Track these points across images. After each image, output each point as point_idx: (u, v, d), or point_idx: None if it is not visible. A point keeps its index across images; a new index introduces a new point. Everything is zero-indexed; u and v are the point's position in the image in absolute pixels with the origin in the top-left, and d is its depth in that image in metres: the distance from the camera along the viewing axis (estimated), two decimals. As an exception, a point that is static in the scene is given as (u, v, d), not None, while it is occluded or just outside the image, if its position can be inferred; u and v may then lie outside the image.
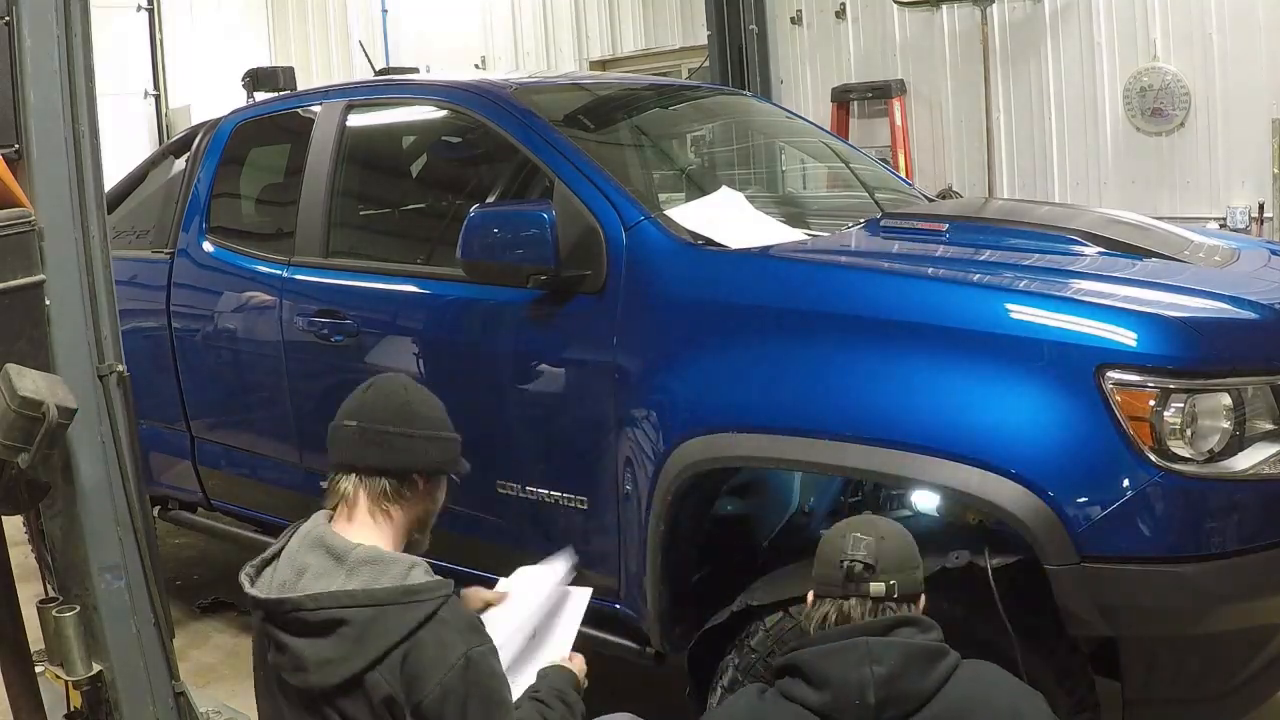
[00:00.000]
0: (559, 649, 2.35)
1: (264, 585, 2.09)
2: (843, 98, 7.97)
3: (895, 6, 7.68)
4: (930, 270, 2.74)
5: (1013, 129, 7.24)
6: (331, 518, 2.16)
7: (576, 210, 2.96)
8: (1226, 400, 2.29)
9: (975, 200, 6.13)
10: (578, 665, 2.29)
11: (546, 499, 3.06)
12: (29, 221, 2.37)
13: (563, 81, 4.58)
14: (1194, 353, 2.31)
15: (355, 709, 1.95)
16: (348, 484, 2.14)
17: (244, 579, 2.13)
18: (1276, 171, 6.27)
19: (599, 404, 2.89)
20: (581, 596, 2.48)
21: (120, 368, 2.56)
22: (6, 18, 2.38)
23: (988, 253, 2.93)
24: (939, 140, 7.63)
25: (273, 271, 3.76)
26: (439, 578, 2.05)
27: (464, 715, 1.94)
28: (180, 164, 4.48)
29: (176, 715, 2.66)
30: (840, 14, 8.06)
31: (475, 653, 1.97)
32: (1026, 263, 2.77)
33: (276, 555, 2.14)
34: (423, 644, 1.95)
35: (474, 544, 3.28)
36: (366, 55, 6.12)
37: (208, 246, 4.05)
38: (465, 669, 1.95)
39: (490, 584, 2.49)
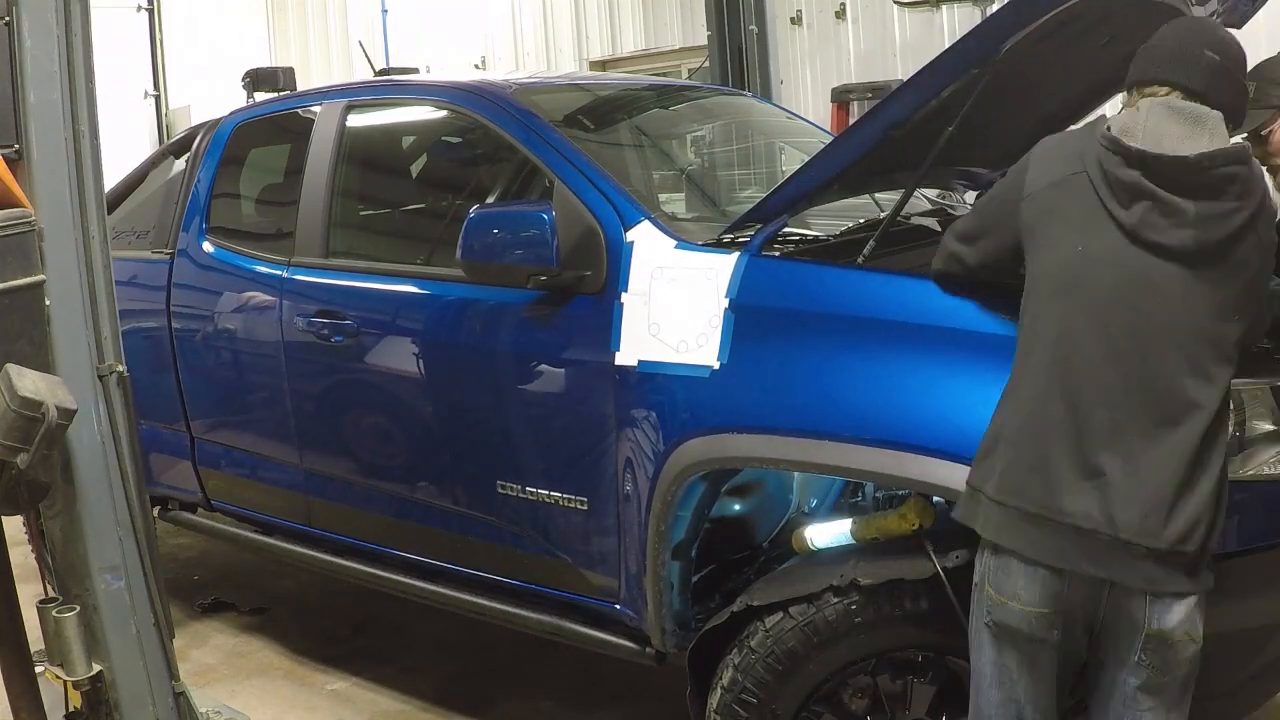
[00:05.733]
0: None
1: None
2: (843, 98, 7.96)
3: (895, 7, 7.69)
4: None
5: (1012, 129, 7.23)
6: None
7: (576, 210, 2.96)
8: (1226, 401, 2.29)
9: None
10: None
11: (546, 499, 3.06)
12: (29, 221, 2.37)
13: (563, 82, 4.58)
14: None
15: (1228, 260, 2.09)
16: (1178, 97, 2.18)
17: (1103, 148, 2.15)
18: (1276, 171, 6.25)
19: (599, 404, 2.89)
20: None
21: (120, 368, 2.56)
22: (6, 18, 2.37)
23: None
24: (939, 141, 7.63)
25: (273, 272, 3.76)
26: None
27: None
28: (180, 164, 4.47)
29: (176, 715, 2.66)
30: (840, 14, 8.08)
31: None
32: None
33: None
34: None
35: (473, 544, 3.29)
36: (366, 55, 6.11)
37: (208, 247, 4.05)
38: None
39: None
